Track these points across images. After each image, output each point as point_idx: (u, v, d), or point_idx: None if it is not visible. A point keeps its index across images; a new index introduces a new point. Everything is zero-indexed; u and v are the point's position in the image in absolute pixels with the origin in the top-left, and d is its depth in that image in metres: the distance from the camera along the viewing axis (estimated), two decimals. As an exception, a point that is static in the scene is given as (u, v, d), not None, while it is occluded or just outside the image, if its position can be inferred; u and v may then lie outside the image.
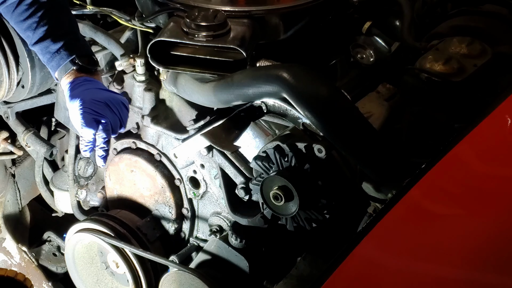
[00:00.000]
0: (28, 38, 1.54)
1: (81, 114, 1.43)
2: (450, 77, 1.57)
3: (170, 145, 1.81)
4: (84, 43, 1.59)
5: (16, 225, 2.49)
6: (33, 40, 1.52)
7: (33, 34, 1.51)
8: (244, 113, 1.58)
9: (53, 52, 1.51)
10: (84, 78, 1.49)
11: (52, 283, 2.41)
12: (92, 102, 1.44)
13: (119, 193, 2.02)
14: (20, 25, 1.53)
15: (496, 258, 1.04)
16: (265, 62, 1.60)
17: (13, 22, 1.55)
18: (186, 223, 1.90)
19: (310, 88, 1.37)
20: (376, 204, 1.46)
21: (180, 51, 1.57)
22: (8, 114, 2.16)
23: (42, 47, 1.52)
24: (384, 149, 1.38)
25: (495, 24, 1.83)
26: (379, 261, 1.13)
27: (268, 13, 1.65)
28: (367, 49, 1.84)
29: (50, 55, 1.51)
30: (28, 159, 2.44)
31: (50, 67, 1.54)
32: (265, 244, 1.65)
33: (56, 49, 1.50)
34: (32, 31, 1.51)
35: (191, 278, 1.64)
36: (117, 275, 2.00)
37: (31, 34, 1.52)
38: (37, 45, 1.52)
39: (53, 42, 1.50)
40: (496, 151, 1.24)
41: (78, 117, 1.43)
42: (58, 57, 1.51)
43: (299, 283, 1.54)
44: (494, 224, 1.10)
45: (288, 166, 1.39)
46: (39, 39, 1.51)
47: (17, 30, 1.57)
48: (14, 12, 1.52)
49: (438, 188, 1.20)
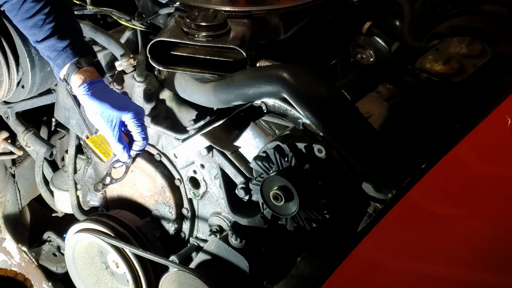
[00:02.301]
0: (34, 36, 1.53)
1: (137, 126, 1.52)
2: (450, 77, 1.57)
3: (170, 145, 1.81)
4: (88, 42, 1.60)
5: (16, 225, 2.49)
6: (39, 38, 1.51)
7: (39, 31, 1.50)
8: (244, 113, 1.58)
9: (60, 50, 1.50)
10: (101, 81, 1.52)
11: (52, 283, 2.41)
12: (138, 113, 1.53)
13: (119, 193, 2.02)
14: (26, 23, 1.52)
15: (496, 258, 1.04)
16: (265, 62, 1.60)
17: (18, 20, 1.54)
18: (186, 223, 1.90)
19: (310, 88, 1.37)
20: (376, 204, 1.46)
21: (180, 51, 1.57)
22: (8, 114, 2.16)
23: (48, 45, 1.51)
24: (384, 149, 1.38)
25: (495, 24, 1.83)
26: (379, 261, 1.13)
27: (268, 13, 1.65)
28: (367, 49, 1.84)
29: (57, 52, 1.50)
30: (28, 159, 2.44)
31: (56, 65, 1.53)
32: (265, 244, 1.65)
33: (63, 47, 1.50)
34: (38, 28, 1.50)
35: (191, 278, 1.64)
36: (117, 275, 2.00)
37: (37, 32, 1.51)
38: (43, 42, 1.51)
39: (60, 40, 1.50)
40: (496, 151, 1.24)
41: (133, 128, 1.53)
42: (64, 55, 1.50)
43: (299, 283, 1.54)
44: (494, 224, 1.10)
45: (288, 166, 1.39)
46: (46, 37, 1.50)
47: (22, 27, 1.55)
48: (20, 9, 1.51)
49: (438, 188, 1.20)
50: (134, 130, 1.52)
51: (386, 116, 1.62)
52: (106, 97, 1.50)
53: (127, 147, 1.54)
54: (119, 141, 1.52)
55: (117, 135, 1.51)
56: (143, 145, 1.56)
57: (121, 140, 1.52)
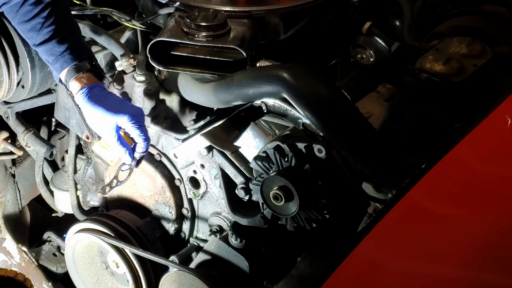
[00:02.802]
0: (31, 39, 1.52)
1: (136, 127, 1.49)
2: (450, 77, 1.57)
3: (170, 145, 1.81)
4: (86, 45, 1.59)
5: (16, 225, 2.49)
6: (37, 41, 1.50)
7: (37, 35, 1.49)
8: (244, 113, 1.58)
9: (58, 54, 1.49)
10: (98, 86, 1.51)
11: (52, 283, 2.41)
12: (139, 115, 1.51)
13: (119, 193, 2.02)
14: (24, 26, 1.51)
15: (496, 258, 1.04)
16: (265, 62, 1.60)
17: (16, 22, 1.53)
18: (186, 223, 1.90)
19: (310, 88, 1.37)
20: (376, 204, 1.46)
21: (180, 51, 1.57)
22: (8, 114, 2.16)
23: (46, 49, 1.50)
24: (384, 149, 1.38)
25: (495, 24, 1.83)
26: (379, 261, 1.13)
27: (268, 13, 1.65)
28: (367, 49, 1.84)
29: (55, 57, 1.50)
30: (28, 159, 2.44)
31: (54, 69, 1.52)
32: (265, 244, 1.65)
33: (61, 51, 1.49)
34: (36, 32, 1.49)
35: (191, 278, 1.64)
36: (117, 275, 2.00)
37: (35, 35, 1.50)
38: (41, 46, 1.50)
39: (58, 44, 1.49)
40: (496, 151, 1.24)
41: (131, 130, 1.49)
42: (62, 60, 1.49)
43: (299, 283, 1.54)
44: (494, 224, 1.10)
45: (288, 166, 1.39)
46: (44, 41, 1.49)
47: (20, 30, 1.55)
48: (18, 12, 1.50)
49: (438, 188, 1.20)
50: (132, 132, 1.51)
51: (386, 116, 1.62)
52: (101, 102, 1.48)
53: (129, 149, 1.53)
54: (120, 144, 1.51)
55: (116, 139, 1.50)
56: (145, 146, 1.54)
57: (123, 143, 1.51)
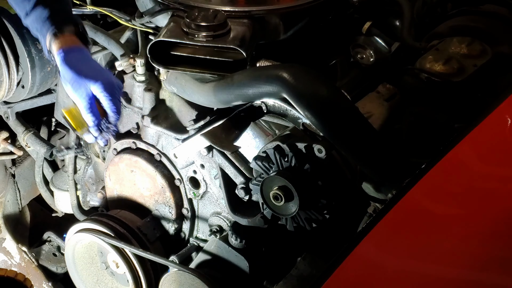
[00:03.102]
0: (23, 10, 1.49)
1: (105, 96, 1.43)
2: (450, 77, 1.57)
3: (170, 145, 1.81)
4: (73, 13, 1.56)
5: (16, 225, 2.49)
6: (28, 8, 1.47)
7: (28, 2, 1.47)
8: (244, 113, 1.58)
9: (44, 20, 1.46)
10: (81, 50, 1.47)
11: (52, 283, 2.42)
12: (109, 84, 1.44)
13: (119, 193, 2.02)
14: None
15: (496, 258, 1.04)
16: (265, 62, 1.60)
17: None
18: (186, 223, 1.90)
19: (310, 88, 1.37)
20: (376, 204, 1.46)
21: (180, 51, 1.57)
22: (8, 114, 2.17)
23: (36, 16, 1.47)
24: (384, 149, 1.38)
25: (495, 24, 1.83)
26: (379, 261, 1.13)
27: (268, 13, 1.65)
28: (367, 49, 1.84)
29: (42, 22, 1.47)
30: (28, 159, 2.45)
31: (42, 35, 1.49)
32: (265, 244, 1.65)
33: (47, 15, 1.46)
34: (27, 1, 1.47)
35: (191, 278, 1.64)
36: (117, 275, 2.00)
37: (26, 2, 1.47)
38: (31, 14, 1.47)
39: (43, 8, 1.46)
40: (496, 151, 1.25)
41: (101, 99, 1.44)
42: (48, 23, 1.46)
43: (299, 283, 1.54)
44: (494, 224, 1.10)
45: (288, 166, 1.39)
46: (33, 6, 1.46)
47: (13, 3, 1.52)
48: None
49: (438, 188, 1.20)
50: (103, 102, 1.45)
51: (386, 116, 1.62)
52: (78, 65, 1.44)
53: (99, 119, 1.47)
54: (90, 111, 1.45)
55: (87, 105, 1.44)
56: (115, 120, 1.49)
57: (93, 111, 1.45)
